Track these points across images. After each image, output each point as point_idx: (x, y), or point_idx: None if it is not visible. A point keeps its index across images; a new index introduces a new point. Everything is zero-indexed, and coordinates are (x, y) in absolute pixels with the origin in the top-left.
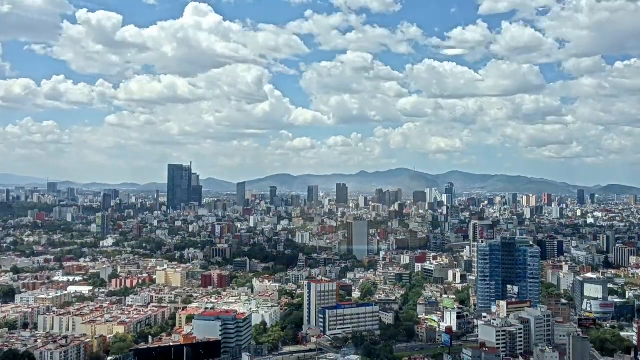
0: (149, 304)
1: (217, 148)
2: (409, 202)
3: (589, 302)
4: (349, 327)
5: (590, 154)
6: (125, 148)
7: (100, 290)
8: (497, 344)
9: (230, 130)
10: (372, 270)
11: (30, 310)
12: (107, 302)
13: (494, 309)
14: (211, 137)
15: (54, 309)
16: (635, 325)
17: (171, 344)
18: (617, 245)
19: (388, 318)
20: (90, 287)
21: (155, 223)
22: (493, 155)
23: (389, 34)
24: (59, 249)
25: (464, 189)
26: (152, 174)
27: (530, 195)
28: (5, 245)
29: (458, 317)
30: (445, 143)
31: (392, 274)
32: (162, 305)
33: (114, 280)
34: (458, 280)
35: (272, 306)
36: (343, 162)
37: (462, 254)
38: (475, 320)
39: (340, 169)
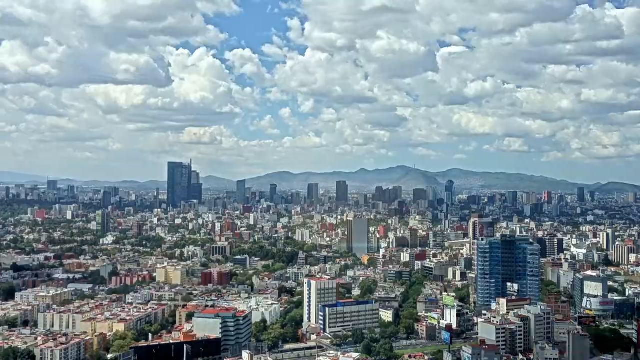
0: (149, 301)
1: None
2: (408, 199)
3: (588, 299)
4: (349, 325)
5: (590, 152)
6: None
7: (100, 288)
8: (497, 341)
9: None
10: (372, 268)
11: (30, 307)
12: (107, 300)
13: (494, 306)
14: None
15: (54, 306)
16: (635, 323)
17: (171, 341)
18: (616, 242)
19: (388, 316)
20: (90, 285)
21: (155, 221)
22: (493, 153)
23: None
24: (59, 247)
25: (464, 186)
26: (152, 172)
27: (530, 192)
28: (5, 242)
29: (458, 315)
30: (446, 140)
31: (392, 272)
32: (162, 303)
33: (114, 278)
34: (458, 277)
35: (272, 304)
36: (343, 160)
37: (462, 251)
38: (475, 318)
39: (340, 167)
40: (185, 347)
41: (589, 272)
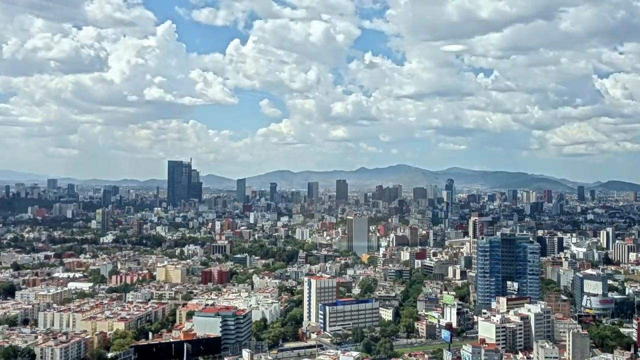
0: (149, 300)
1: None
2: (409, 198)
3: (588, 298)
4: (349, 324)
5: (590, 151)
6: None
7: (101, 287)
8: (497, 340)
9: None
10: (372, 266)
11: (30, 306)
12: (107, 299)
13: (494, 305)
14: None
15: (54, 305)
16: (635, 322)
17: (171, 340)
18: (617, 241)
19: (388, 314)
20: (91, 284)
21: (155, 219)
22: (493, 152)
23: None
24: (59, 245)
25: (464, 185)
26: (152, 170)
27: (530, 191)
28: (5, 241)
29: (458, 314)
30: (445, 139)
31: (392, 271)
32: (162, 301)
33: (114, 277)
34: (458, 276)
35: (272, 302)
36: (343, 159)
37: (462, 250)
38: (475, 317)
39: (340, 166)
40: (185, 345)
41: (589, 271)
